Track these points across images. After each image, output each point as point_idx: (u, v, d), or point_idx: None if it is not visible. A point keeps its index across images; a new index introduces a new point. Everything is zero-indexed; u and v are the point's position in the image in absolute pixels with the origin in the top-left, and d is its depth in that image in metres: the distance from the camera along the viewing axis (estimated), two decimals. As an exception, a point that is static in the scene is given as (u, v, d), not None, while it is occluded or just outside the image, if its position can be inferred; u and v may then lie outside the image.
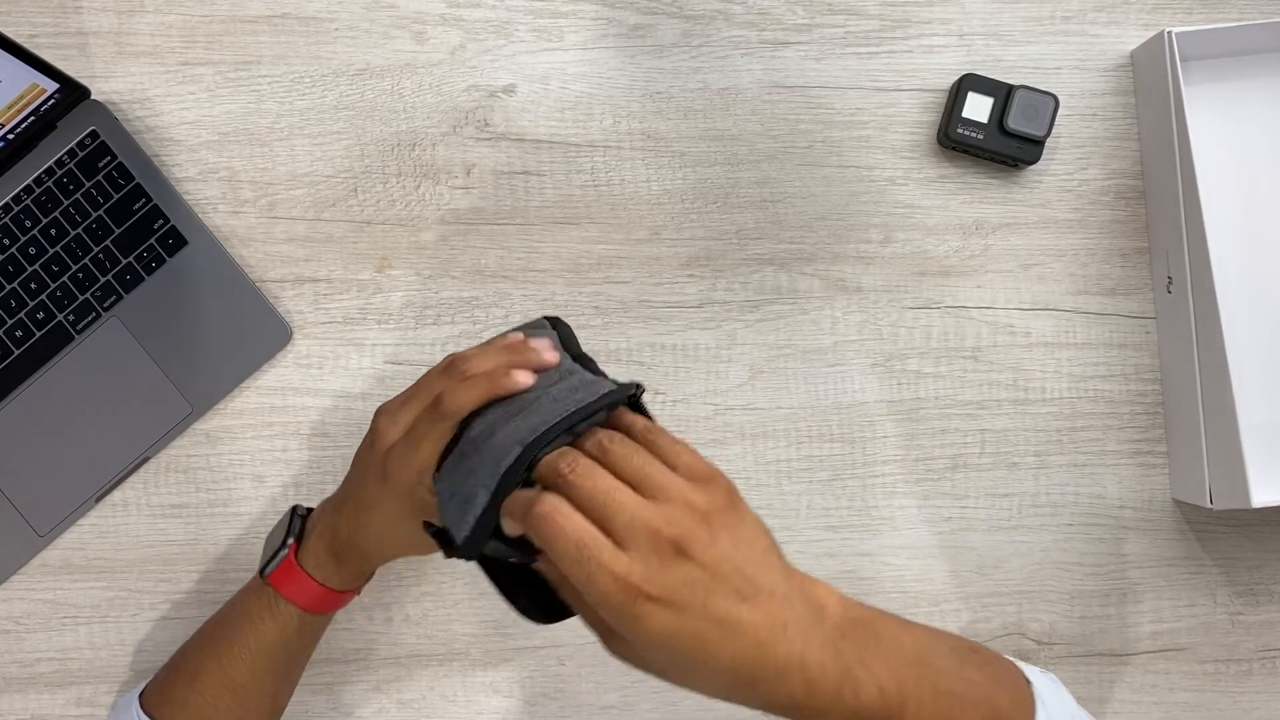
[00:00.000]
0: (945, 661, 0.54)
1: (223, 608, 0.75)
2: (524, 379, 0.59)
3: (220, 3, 0.84)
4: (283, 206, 0.84)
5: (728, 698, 0.52)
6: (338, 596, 0.72)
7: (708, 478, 0.53)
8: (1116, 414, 0.86)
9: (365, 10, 0.85)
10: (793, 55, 0.86)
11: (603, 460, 0.53)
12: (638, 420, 0.56)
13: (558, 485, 0.52)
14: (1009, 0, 0.87)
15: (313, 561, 0.71)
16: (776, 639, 0.50)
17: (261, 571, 0.72)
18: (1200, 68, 0.84)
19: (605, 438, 0.54)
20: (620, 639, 0.51)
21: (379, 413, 0.67)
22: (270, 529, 0.76)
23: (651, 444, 0.54)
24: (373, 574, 0.74)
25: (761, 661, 0.50)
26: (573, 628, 0.84)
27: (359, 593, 0.74)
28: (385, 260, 0.85)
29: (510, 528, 0.53)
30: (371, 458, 0.66)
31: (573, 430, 0.56)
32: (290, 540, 0.72)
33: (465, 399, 0.60)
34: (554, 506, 0.50)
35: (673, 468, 0.53)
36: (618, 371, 0.83)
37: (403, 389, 0.84)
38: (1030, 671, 0.58)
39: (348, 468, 0.84)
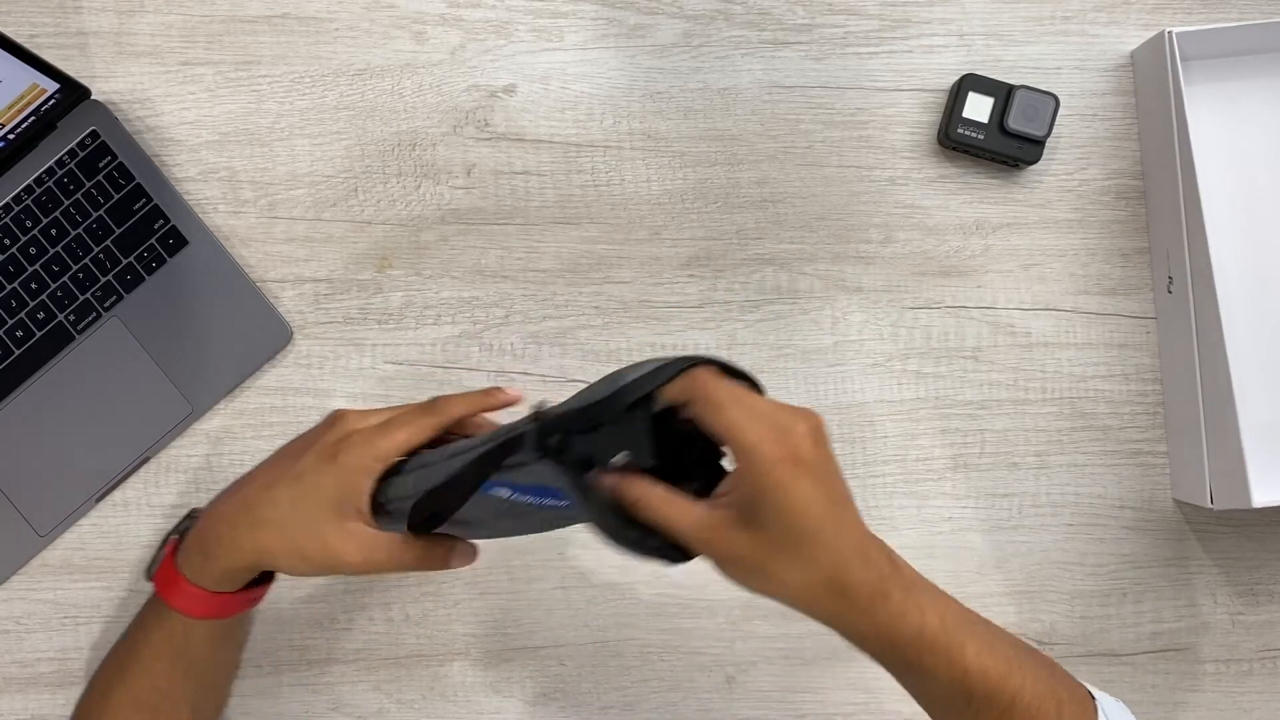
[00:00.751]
0: (1005, 635, 0.58)
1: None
2: (515, 393, 0.63)
3: (220, 3, 0.84)
4: (283, 206, 0.84)
5: (810, 591, 0.55)
6: (219, 600, 0.65)
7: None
8: (1116, 414, 0.86)
9: (365, 10, 0.85)
10: (793, 55, 0.86)
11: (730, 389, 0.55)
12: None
13: (700, 386, 0.54)
14: (1009, 0, 0.87)
15: (184, 558, 0.65)
16: (868, 539, 0.55)
17: (148, 572, 0.67)
18: (1200, 68, 0.84)
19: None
20: (735, 530, 0.54)
21: (344, 411, 0.66)
22: None
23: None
24: (262, 577, 0.67)
25: (861, 550, 0.54)
26: (572, 627, 0.84)
27: (255, 600, 0.68)
28: (385, 260, 0.85)
29: (678, 394, 0.55)
30: (323, 437, 0.64)
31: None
32: (172, 536, 0.67)
33: (458, 404, 0.63)
34: (714, 377, 0.54)
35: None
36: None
37: (403, 389, 0.84)
38: (1102, 695, 0.60)
39: (348, 468, 0.84)
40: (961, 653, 0.55)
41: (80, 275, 0.82)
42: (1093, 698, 0.59)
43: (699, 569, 0.87)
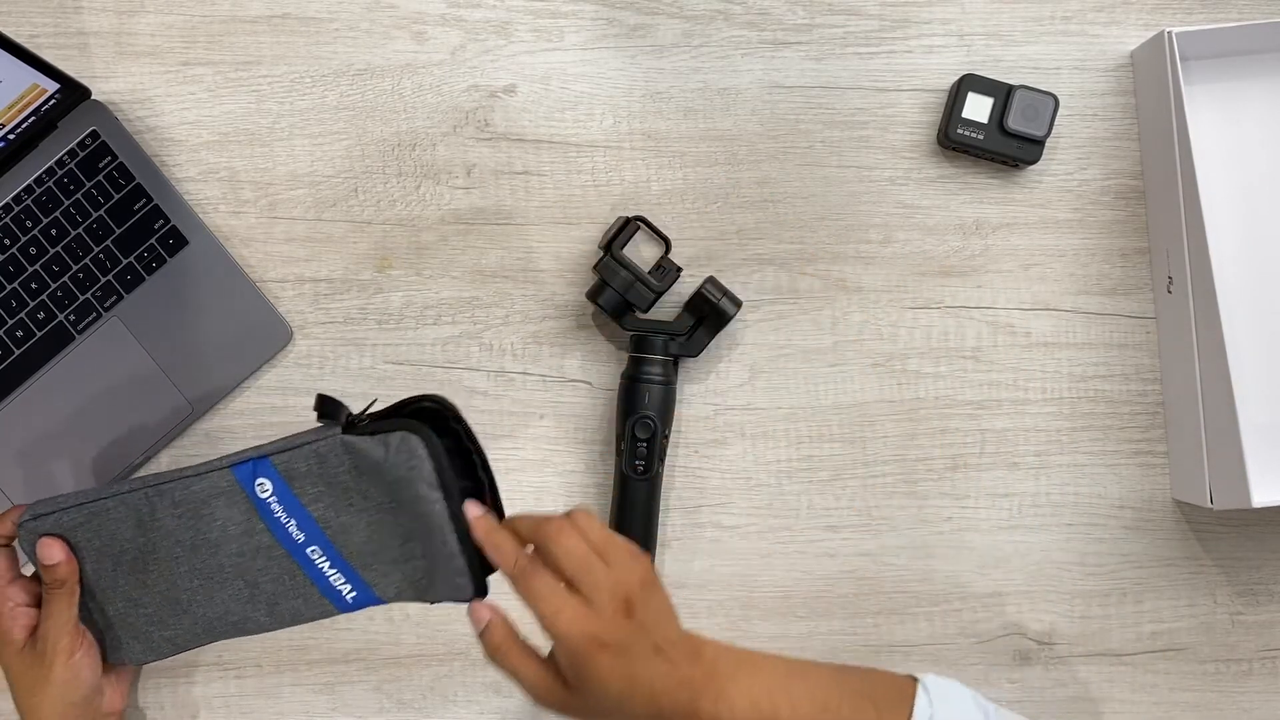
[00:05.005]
0: (820, 673, 0.67)
1: None
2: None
3: (220, 3, 0.84)
4: (283, 206, 0.84)
5: None
6: None
7: (637, 553, 0.64)
8: (1116, 414, 0.86)
9: (365, 10, 0.85)
10: (793, 55, 0.86)
11: (571, 528, 0.63)
12: (582, 514, 0.65)
13: (542, 540, 0.63)
14: (1009, 0, 0.87)
15: None
16: (679, 680, 0.63)
17: None
18: (1200, 68, 0.84)
19: (573, 515, 0.64)
20: (558, 688, 0.63)
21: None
22: None
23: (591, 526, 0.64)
24: None
25: (672, 696, 0.62)
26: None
27: None
28: (385, 260, 0.85)
29: (503, 561, 0.64)
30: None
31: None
32: None
33: None
34: (535, 565, 0.62)
35: (610, 543, 0.63)
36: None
37: (403, 389, 0.84)
38: (928, 676, 0.68)
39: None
40: (777, 716, 0.63)
41: (80, 275, 0.82)
42: (915, 681, 0.67)
43: (700, 566, 0.87)
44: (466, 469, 0.66)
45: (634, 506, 0.81)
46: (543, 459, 0.85)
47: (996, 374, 0.86)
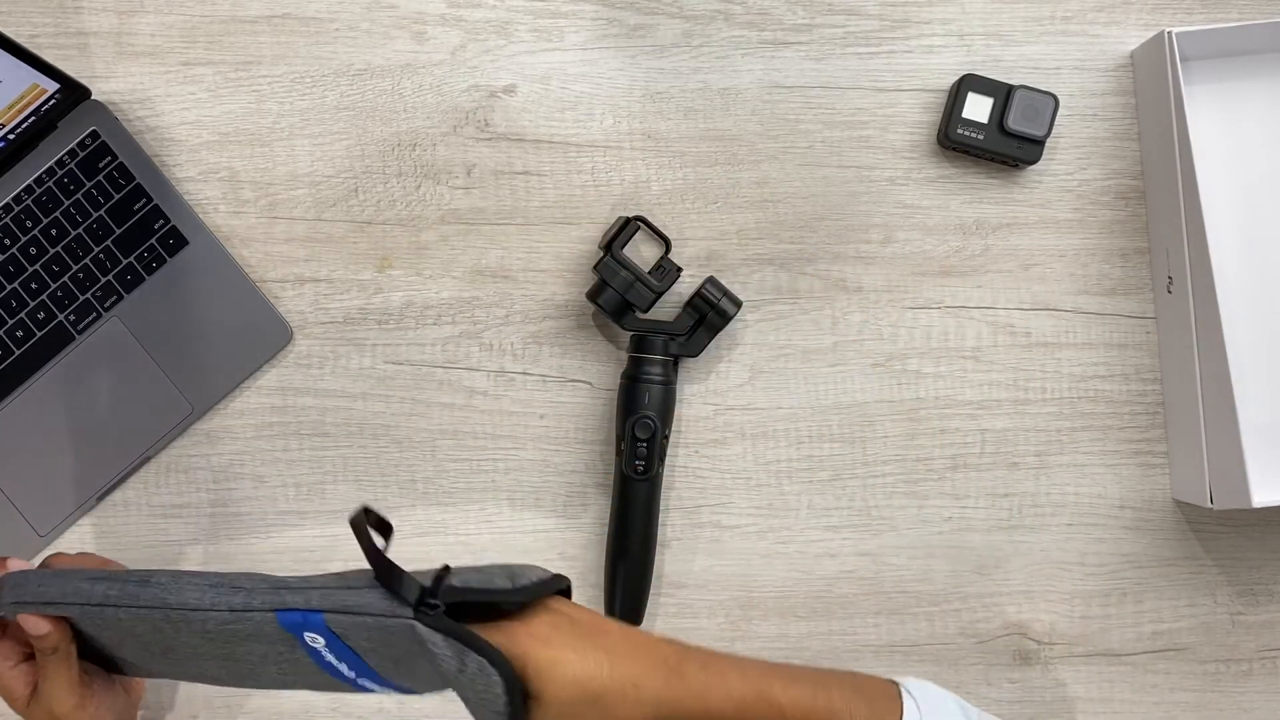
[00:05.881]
0: (803, 670, 0.64)
1: None
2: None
3: (220, 3, 0.84)
4: (283, 206, 0.84)
5: None
6: None
7: None
8: (1116, 414, 0.86)
9: (365, 10, 0.85)
10: (793, 55, 0.86)
11: None
12: None
13: None
14: (1009, 0, 0.87)
15: None
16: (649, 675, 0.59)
17: None
18: (1200, 68, 0.84)
19: None
20: None
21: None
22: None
23: None
24: None
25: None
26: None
27: None
28: (385, 260, 0.85)
29: None
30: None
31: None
32: None
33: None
34: None
35: None
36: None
37: (403, 389, 0.84)
38: (907, 679, 0.65)
39: (347, 468, 0.84)
40: (771, 692, 0.60)
41: (80, 275, 0.82)
42: (896, 684, 0.65)
43: (700, 566, 0.87)
44: None
45: (634, 507, 0.81)
46: (543, 459, 0.85)
47: (996, 374, 0.86)
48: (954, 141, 0.84)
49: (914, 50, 0.86)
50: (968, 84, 0.84)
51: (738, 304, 0.82)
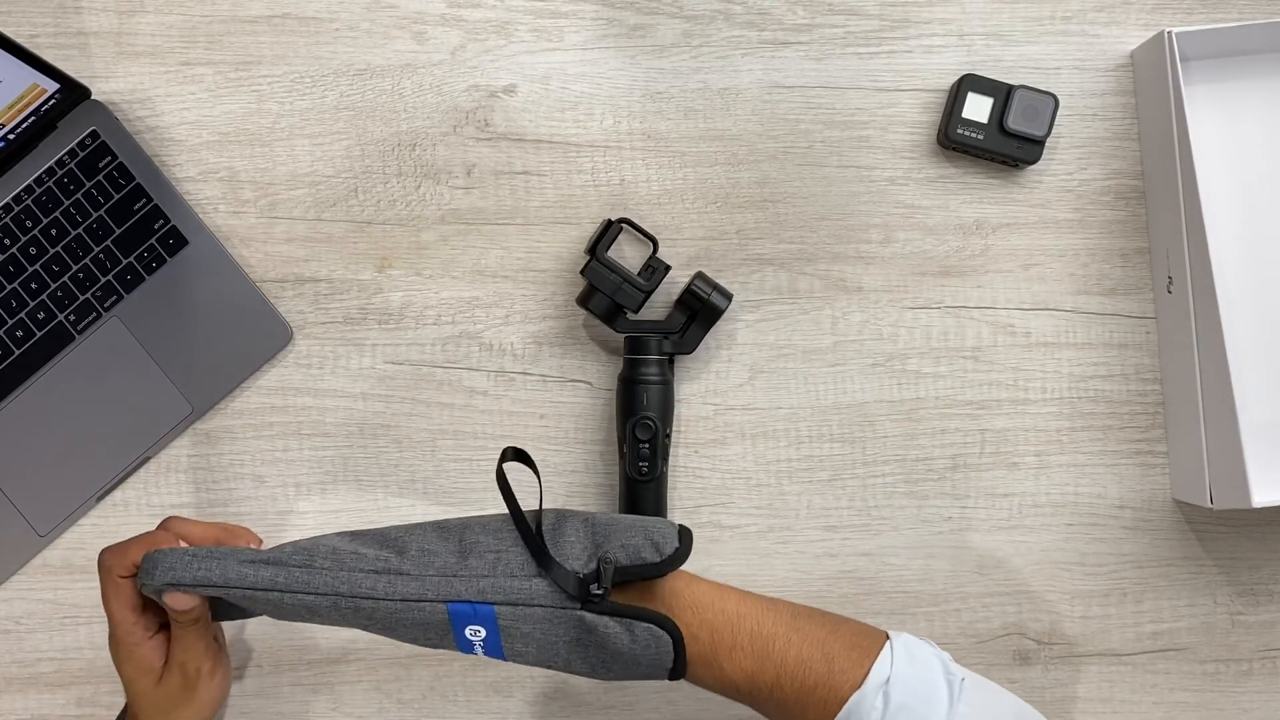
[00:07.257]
0: (779, 609, 0.67)
1: None
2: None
3: (220, 3, 0.84)
4: (283, 206, 0.84)
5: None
6: None
7: None
8: (1116, 414, 0.86)
9: (365, 10, 0.85)
10: (793, 55, 0.86)
11: None
12: None
13: None
14: (1009, 0, 0.87)
15: None
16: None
17: None
18: (1200, 68, 0.84)
19: None
20: None
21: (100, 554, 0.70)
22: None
23: None
24: None
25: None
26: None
27: None
28: (385, 260, 0.85)
29: None
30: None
31: None
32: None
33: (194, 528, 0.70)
34: None
35: None
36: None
37: (403, 389, 0.84)
38: (902, 634, 0.66)
39: (347, 468, 0.84)
40: (721, 669, 0.66)
41: (80, 275, 0.82)
42: (887, 637, 0.66)
43: (700, 566, 0.87)
44: None
45: (643, 508, 0.81)
46: (543, 459, 0.85)
47: (996, 374, 0.86)
48: (954, 141, 0.84)
49: (914, 50, 0.86)
50: (968, 84, 0.84)
51: (728, 296, 0.82)
